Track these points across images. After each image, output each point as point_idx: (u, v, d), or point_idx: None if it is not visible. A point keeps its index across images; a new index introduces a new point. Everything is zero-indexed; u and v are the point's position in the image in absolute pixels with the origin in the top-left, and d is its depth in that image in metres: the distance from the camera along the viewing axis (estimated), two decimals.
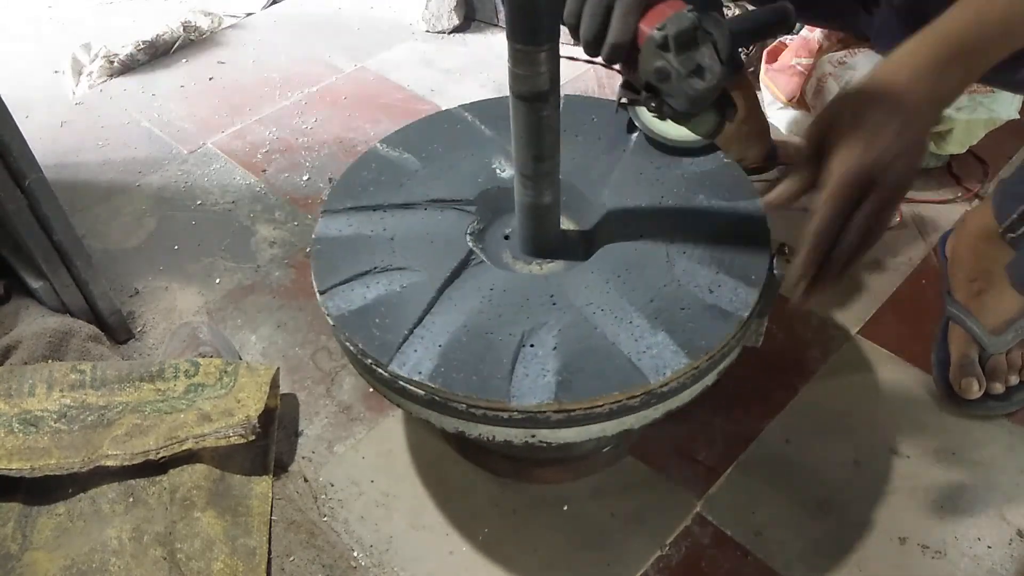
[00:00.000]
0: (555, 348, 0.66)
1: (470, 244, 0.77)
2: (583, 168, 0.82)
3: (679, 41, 0.62)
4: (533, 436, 0.67)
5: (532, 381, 0.65)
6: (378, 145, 0.87)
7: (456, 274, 0.73)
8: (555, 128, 0.66)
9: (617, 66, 0.66)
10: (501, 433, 0.67)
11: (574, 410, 0.64)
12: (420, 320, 0.70)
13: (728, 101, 0.70)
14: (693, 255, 0.73)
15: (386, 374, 0.68)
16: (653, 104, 0.67)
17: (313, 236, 0.78)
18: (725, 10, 1.12)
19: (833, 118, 0.64)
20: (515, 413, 0.64)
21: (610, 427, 0.67)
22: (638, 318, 0.68)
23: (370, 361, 0.68)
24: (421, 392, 0.67)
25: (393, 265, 0.74)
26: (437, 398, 0.66)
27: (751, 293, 0.69)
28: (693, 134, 0.70)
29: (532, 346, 0.67)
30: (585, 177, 0.82)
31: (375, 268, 0.74)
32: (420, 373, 0.66)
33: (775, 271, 0.71)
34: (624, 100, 0.70)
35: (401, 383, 0.67)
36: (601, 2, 0.64)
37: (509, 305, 0.70)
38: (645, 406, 0.66)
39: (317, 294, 0.73)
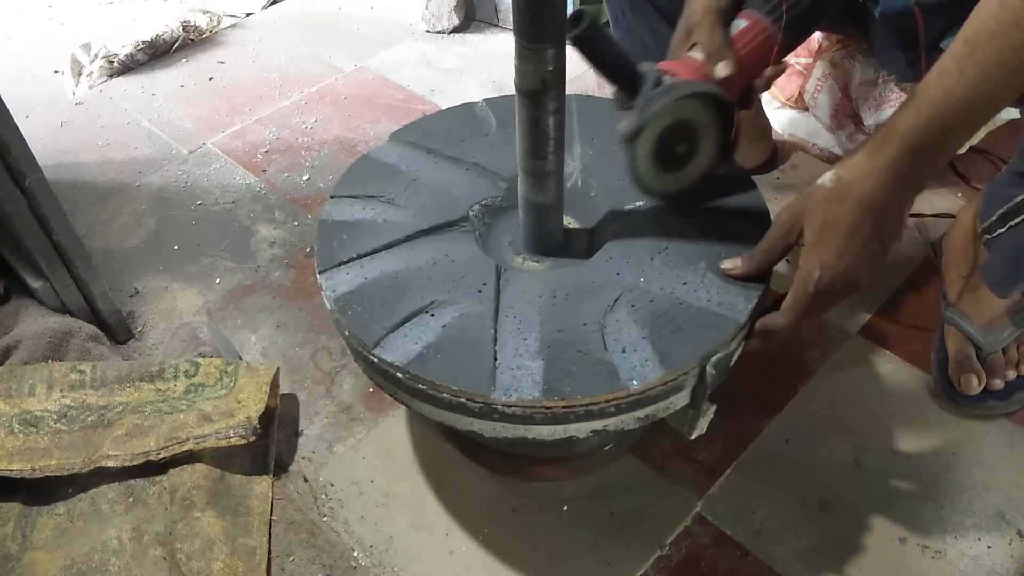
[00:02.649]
0: (444, 326, 0.67)
1: (471, 212, 0.78)
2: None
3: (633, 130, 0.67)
4: (395, 393, 0.69)
5: (404, 342, 0.66)
6: (481, 102, 0.92)
7: (434, 230, 0.76)
8: (558, 127, 0.66)
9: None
10: (367, 370, 0.71)
11: (419, 383, 0.65)
12: (373, 252, 0.74)
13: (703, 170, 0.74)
14: (645, 304, 0.68)
15: (318, 280, 0.73)
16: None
17: (364, 153, 0.86)
18: None
19: (806, 214, 0.64)
20: (375, 360, 0.67)
21: (435, 413, 0.67)
22: (534, 340, 0.66)
23: (317, 269, 0.75)
24: (328, 307, 0.72)
25: (395, 201, 0.79)
26: (335, 318, 0.71)
27: (657, 371, 0.62)
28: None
29: (432, 315, 0.68)
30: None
31: (380, 196, 0.80)
32: (333, 292, 0.71)
33: (709, 370, 0.65)
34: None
35: (322, 293, 0.73)
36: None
37: (446, 275, 0.72)
38: (485, 416, 0.64)
39: (329, 196, 0.81)
